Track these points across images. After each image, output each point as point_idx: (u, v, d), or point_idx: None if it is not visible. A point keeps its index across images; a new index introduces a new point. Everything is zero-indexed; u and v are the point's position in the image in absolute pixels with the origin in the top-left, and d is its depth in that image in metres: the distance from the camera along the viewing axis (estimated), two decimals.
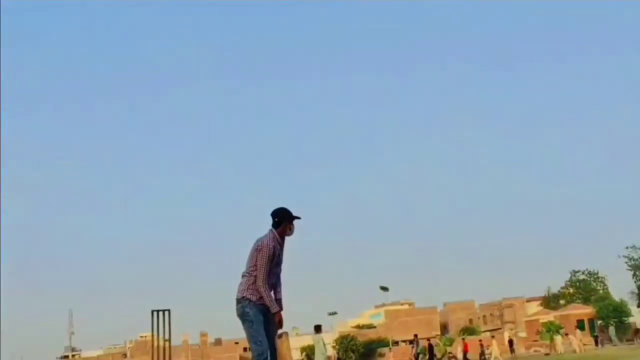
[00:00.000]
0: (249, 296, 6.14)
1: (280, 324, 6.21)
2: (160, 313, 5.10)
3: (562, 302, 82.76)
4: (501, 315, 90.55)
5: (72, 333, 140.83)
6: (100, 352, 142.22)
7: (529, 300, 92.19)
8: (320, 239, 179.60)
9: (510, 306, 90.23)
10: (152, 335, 4.98)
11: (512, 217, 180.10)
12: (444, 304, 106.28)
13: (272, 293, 6.19)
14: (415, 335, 35.63)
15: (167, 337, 4.80)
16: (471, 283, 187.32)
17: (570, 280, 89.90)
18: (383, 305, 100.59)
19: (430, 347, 32.99)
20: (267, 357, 6.05)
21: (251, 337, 6.12)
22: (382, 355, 63.62)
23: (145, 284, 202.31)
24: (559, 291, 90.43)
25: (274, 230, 6.26)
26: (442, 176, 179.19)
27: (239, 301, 6.19)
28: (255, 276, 6.11)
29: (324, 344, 17.89)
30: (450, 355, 51.85)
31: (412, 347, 38.62)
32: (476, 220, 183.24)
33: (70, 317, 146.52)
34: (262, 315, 6.14)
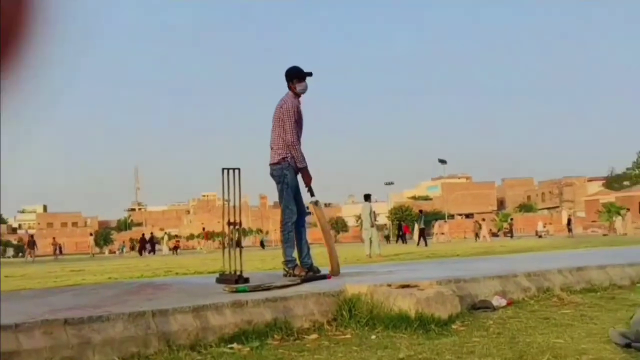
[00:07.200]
0: (288, 158, 6.14)
1: (309, 181, 6.19)
2: (231, 171, 5.13)
3: (626, 183, 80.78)
4: (560, 194, 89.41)
5: (138, 189, 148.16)
6: (165, 208, 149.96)
7: (590, 180, 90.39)
8: (382, 109, 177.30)
9: (570, 185, 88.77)
10: (223, 192, 5.01)
11: (579, 95, 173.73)
12: (502, 180, 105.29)
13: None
14: (420, 211, 35.57)
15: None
16: (531, 162, 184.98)
17: (637, 161, 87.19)
18: (440, 178, 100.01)
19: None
20: (294, 223, 6.17)
21: (286, 201, 6.16)
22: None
23: (213, 142, 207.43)
24: (623, 172, 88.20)
25: (290, 92, 6.26)
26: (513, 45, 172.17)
27: (277, 163, 6.16)
28: (287, 136, 6.12)
29: (372, 213, 18.07)
30: (506, 230, 52.28)
31: (417, 223, 35.96)
32: (543, 97, 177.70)
33: (136, 173, 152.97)
34: (296, 179, 6.22)
